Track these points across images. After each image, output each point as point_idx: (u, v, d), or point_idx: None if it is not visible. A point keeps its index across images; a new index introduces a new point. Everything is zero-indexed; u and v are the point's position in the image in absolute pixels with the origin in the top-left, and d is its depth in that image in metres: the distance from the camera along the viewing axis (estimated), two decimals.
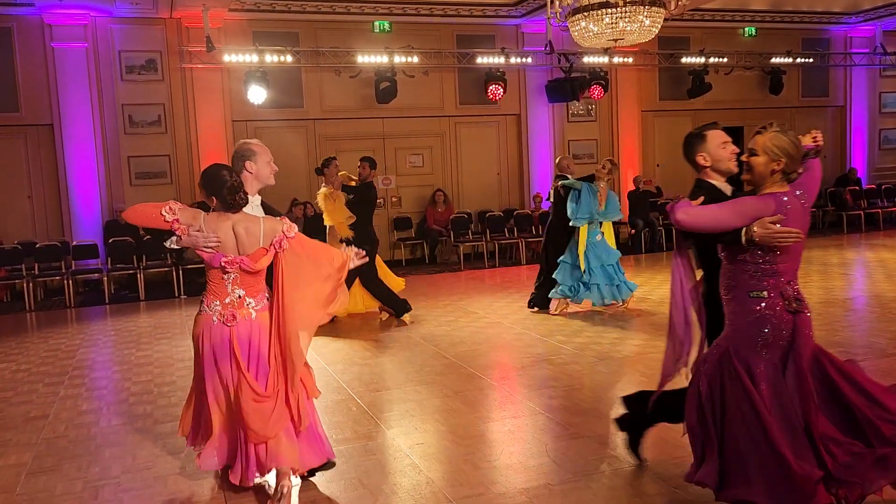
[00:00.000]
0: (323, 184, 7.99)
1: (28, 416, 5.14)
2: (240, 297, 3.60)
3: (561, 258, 7.84)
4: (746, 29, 14.76)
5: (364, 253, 3.80)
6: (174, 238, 3.50)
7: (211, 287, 3.64)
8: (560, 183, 7.90)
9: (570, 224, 7.69)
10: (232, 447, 3.63)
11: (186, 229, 3.47)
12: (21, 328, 8.75)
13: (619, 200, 8.40)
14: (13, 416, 5.16)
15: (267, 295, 3.66)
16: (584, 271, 7.69)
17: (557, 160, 8.27)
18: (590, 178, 7.75)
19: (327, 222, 7.95)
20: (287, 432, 3.57)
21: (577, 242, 7.72)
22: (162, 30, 11.45)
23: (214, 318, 3.61)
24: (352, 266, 3.71)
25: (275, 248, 3.52)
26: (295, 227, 3.59)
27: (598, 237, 7.86)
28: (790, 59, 14.71)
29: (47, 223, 11.36)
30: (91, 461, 4.22)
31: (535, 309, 8.06)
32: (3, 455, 4.38)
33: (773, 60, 14.64)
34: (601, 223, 7.88)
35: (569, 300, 7.85)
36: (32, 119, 11.13)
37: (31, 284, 10.08)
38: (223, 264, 3.53)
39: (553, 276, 7.86)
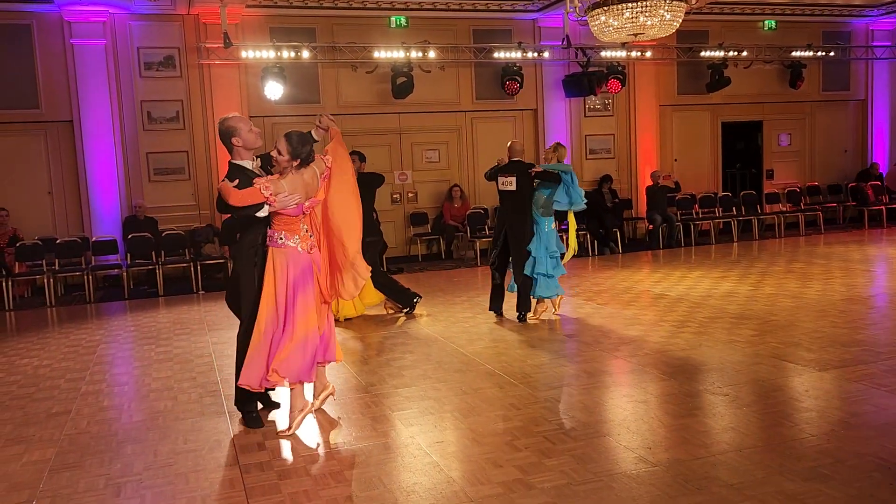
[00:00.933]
0: None
1: (50, 412, 5.19)
2: (306, 230, 4.54)
3: (531, 251, 7.35)
4: (766, 22, 14.60)
5: None
6: (266, 207, 4.36)
7: (284, 227, 4.47)
8: (541, 168, 7.40)
9: (572, 208, 7.35)
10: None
11: (275, 199, 4.30)
12: (42, 323, 8.83)
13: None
14: (36, 411, 5.20)
15: None
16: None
17: (510, 144, 7.60)
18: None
19: None
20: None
21: (549, 233, 7.39)
22: (180, 26, 11.49)
23: (299, 248, 4.48)
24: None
25: (325, 179, 4.60)
26: (329, 156, 4.72)
27: (551, 226, 7.49)
28: (811, 53, 14.54)
29: (67, 219, 11.45)
30: (113, 457, 4.25)
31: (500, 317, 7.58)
32: (27, 451, 4.42)
33: (794, 54, 14.48)
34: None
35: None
36: (52, 116, 11.21)
37: (51, 280, 10.17)
38: (305, 211, 4.46)
39: (535, 272, 7.36)
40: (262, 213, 4.39)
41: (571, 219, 7.64)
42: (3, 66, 10.91)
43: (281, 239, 4.48)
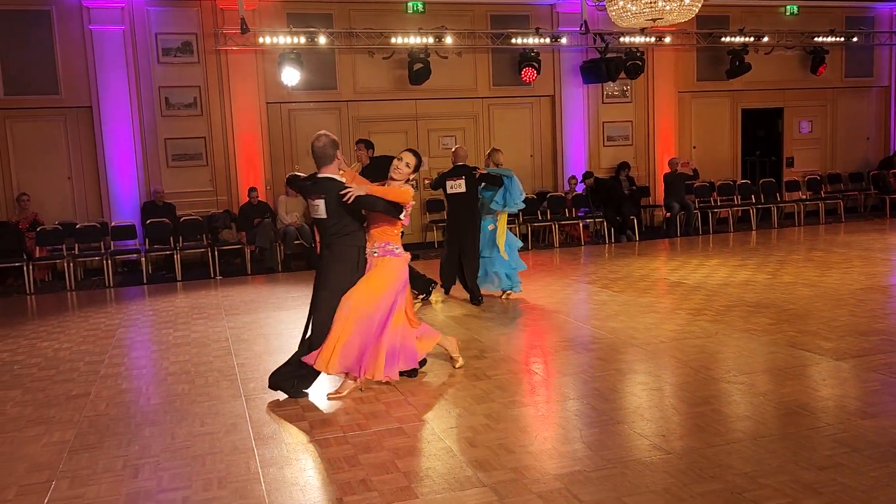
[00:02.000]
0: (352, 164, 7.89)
1: (70, 394, 5.26)
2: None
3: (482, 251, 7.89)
4: (788, 7, 14.40)
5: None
6: (404, 210, 4.81)
7: (397, 234, 4.91)
8: (485, 171, 7.90)
9: (508, 208, 7.92)
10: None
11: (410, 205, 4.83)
12: (62, 307, 8.94)
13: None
14: (56, 394, 5.28)
15: None
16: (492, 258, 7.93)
17: (455, 149, 8.12)
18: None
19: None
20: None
21: (491, 232, 7.95)
22: (197, 12, 11.52)
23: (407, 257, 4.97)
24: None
25: None
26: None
27: (490, 227, 7.99)
28: (833, 38, 14.33)
29: (87, 204, 11.56)
30: (131, 439, 4.30)
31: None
32: (47, 432, 4.48)
33: (816, 39, 14.27)
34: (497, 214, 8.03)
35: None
36: (72, 101, 11.30)
37: (71, 264, 10.28)
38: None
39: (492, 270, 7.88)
40: (403, 216, 4.82)
41: (503, 219, 8.07)
42: (23, 52, 11.00)
43: (397, 248, 4.91)
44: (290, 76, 11.42)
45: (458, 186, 7.69)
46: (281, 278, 10.23)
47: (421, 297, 8.02)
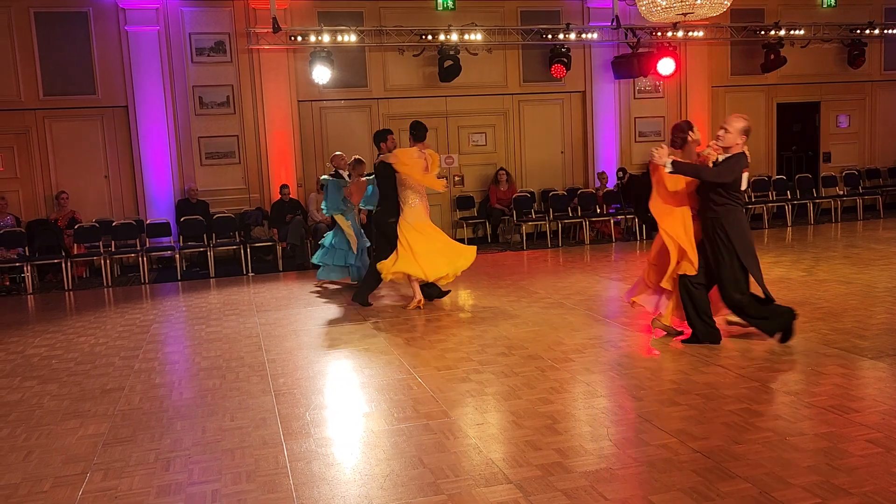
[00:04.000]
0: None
1: (105, 388, 5.37)
2: None
3: (332, 243, 8.99)
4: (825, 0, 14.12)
5: None
6: None
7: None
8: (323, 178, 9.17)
9: (326, 213, 9.15)
10: None
11: None
12: (99, 303, 9.12)
13: None
14: (91, 387, 5.40)
15: None
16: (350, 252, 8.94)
17: (353, 159, 8.96)
18: (337, 176, 8.96)
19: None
20: None
21: (342, 229, 8.93)
22: (230, 12, 11.66)
23: None
24: None
25: None
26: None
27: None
28: (872, 31, 14.02)
29: (123, 202, 11.78)
30: (163, 433, 4.38)
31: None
32: (83, 425, 4.59)
33: (854, 32, 13.98)
34: (359, 211, 9.15)
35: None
36: (108, 101, 11.52)
37: (108, 261, 10.48)
38: None
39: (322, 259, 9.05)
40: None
41: (341, 219, 8.99)
42: (62, 52, 11.24)
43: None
44: (321, 74, 11.51)
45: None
46: (311, 275, 10.31)
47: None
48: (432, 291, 7.83)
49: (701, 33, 13.24)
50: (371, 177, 8.40)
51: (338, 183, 8.93)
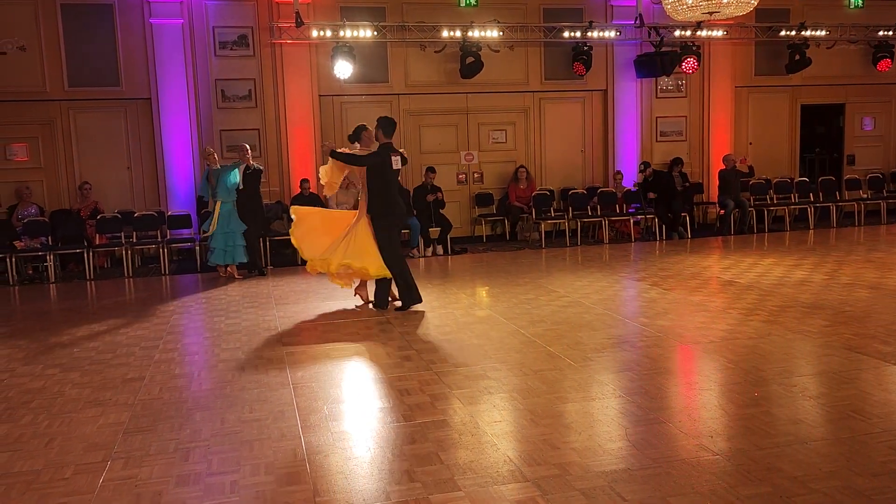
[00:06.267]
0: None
1: (125, 377, 5.42)
2: None
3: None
4: (852, 0, 13.94)
5: None
6: None
7: None
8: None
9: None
10: None
11: None
12: (120, 293, 9.21)
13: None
14: (112, 377, 5.45)
15: None
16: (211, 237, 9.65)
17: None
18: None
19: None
20: None
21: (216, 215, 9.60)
22: (253, 6, 11.71)
23: None
24: None
25: None
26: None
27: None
28: None
29: (145, 193, 11.88)
30: (183, 423, 4.42)
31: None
32: (104, 414, 4.63)
33: (881, 33, 13.80)
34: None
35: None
36: (132, 93, 11.62)
37: (129, 252, 10.58)
38: None
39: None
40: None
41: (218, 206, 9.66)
42: (87, 44, 11.35)
43: None
44: (343, 69, 11.54)
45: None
46: None
47: (398, 304, 7.58)
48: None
49: (725, 32, 13.12)
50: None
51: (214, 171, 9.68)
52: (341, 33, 11.57)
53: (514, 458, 3.75)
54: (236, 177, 9.64)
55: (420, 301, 7.48)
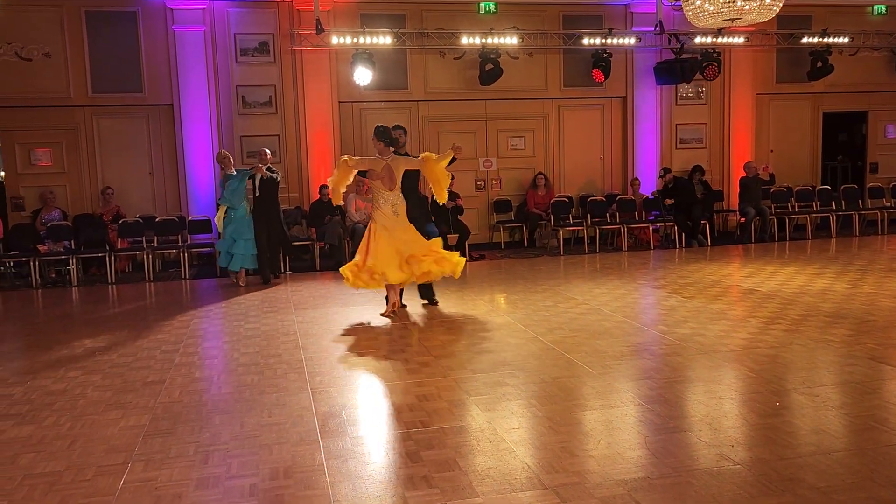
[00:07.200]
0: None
1: (146, 380, 5.47)
2: None
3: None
4: (876, 7, 13.83)
5: None
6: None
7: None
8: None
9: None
10: None
11: None
12: (141, 297, 9.29)
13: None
14: (133, 380, 5.50)
15: None
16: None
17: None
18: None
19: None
20: None
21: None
22: (275, 13, 11.81)
23: None
24: None
25: None
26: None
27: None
28: None
29: (166, 198, 12.00)
30: (202, 426, 4.45)
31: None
32: (124, 416, 4.67)
33: None
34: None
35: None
36: (154, 99, 11.74)
37: (150, 256, 10.68)
38: None
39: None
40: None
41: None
42: (111, 51, 11.50)
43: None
44: (363, 76, 11.60)
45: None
46: None
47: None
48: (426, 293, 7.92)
49: (746, 39, 13.04)
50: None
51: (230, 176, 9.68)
52: (361, 40, 11.63)
53: (532, 466, 3.73)
54: (238, 184, 9.54)
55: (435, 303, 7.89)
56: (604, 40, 12.50)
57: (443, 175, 7.26)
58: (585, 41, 12.53)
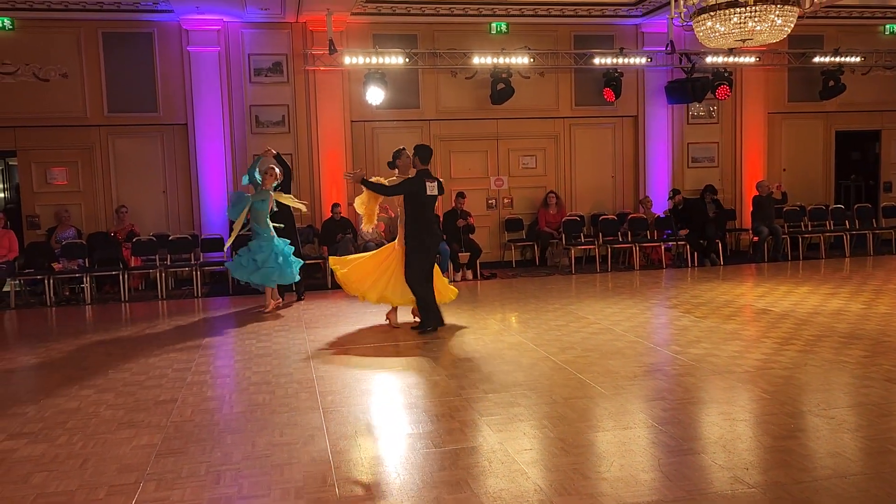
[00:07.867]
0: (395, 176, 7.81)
1: (158, 399, 5.48)
2: None
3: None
4: (888, 26, 13.82)
5: None
6: None
7: None
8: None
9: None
10: None
11: None
12: (154, 315, 9.33)
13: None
14: (145, 398, 5.51)
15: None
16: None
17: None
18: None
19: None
20: None
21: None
22: (288, 34, 11.92)
23: None
24: None
25: None
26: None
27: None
28: None
29: (179, 217, 12.06)
30: (214, 446, 4.45)
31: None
32: (137, 435, 4.68)
33: None
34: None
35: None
36: (169, 119, 11.85)
37: (163, 274, 10.73)
38: None
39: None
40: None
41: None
42: (127, 72, 11.62)
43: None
44: (375, 95, 11.67)
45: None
46: None
47: (419, 328, 7.64)
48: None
49: (758, 59, 13.04)
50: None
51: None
52: (373, 60, 11.72)
53: (544, 487, 3.71)
54: (251, 170, 9.34)
55: (442, 324, 7.68)
56: (615, 60, 12.54)
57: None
58: (597, 61, 12.57)
